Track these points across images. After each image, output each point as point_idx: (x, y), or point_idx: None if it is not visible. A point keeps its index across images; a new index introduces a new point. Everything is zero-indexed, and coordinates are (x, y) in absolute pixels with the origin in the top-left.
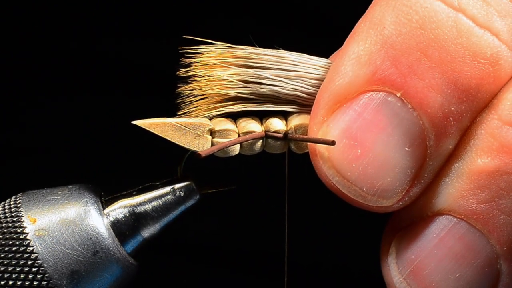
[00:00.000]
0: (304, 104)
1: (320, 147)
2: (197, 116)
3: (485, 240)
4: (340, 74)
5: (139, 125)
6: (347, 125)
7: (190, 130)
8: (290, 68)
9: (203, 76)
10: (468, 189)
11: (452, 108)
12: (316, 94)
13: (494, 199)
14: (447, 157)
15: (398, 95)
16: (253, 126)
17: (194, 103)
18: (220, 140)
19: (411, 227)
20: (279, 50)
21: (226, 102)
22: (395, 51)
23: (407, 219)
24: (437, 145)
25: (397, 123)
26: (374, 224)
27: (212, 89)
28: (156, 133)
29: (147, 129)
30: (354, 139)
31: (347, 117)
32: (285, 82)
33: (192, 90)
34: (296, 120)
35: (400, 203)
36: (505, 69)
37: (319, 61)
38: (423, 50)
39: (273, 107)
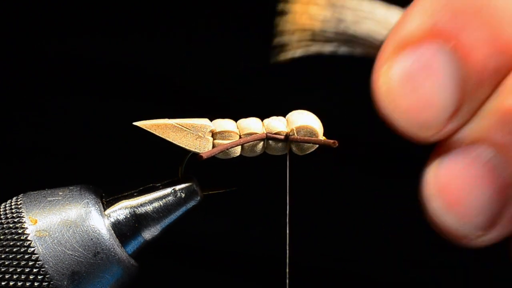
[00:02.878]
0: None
1: (381, 86)
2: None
3: (509, 166)
4: (406, 23)
5: (140, 126)
6: (406, 68)
7: (191, 131)
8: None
9: (296, 12)
10: (496, 124)
11: (494, 62)
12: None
13: None
14: (482, 102)
15: (451, 45)
16: (254, 127)
17: (287, 36)
18: (221, 142)
19: (446, 153)
20: None
21: (310, 40)
22: (455, 9)
23: (444, 149)
24: (476, 90)
25: (447, 69)
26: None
27: (304, 23)
28: (157, 134)
29: (148, 130)
30: (411, 79)
31: (407, 60)
32: (363, 24)
33: (286, 24)
34: (297, 122)
35: (436, 136)
36: None
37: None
38: (477, 10)
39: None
